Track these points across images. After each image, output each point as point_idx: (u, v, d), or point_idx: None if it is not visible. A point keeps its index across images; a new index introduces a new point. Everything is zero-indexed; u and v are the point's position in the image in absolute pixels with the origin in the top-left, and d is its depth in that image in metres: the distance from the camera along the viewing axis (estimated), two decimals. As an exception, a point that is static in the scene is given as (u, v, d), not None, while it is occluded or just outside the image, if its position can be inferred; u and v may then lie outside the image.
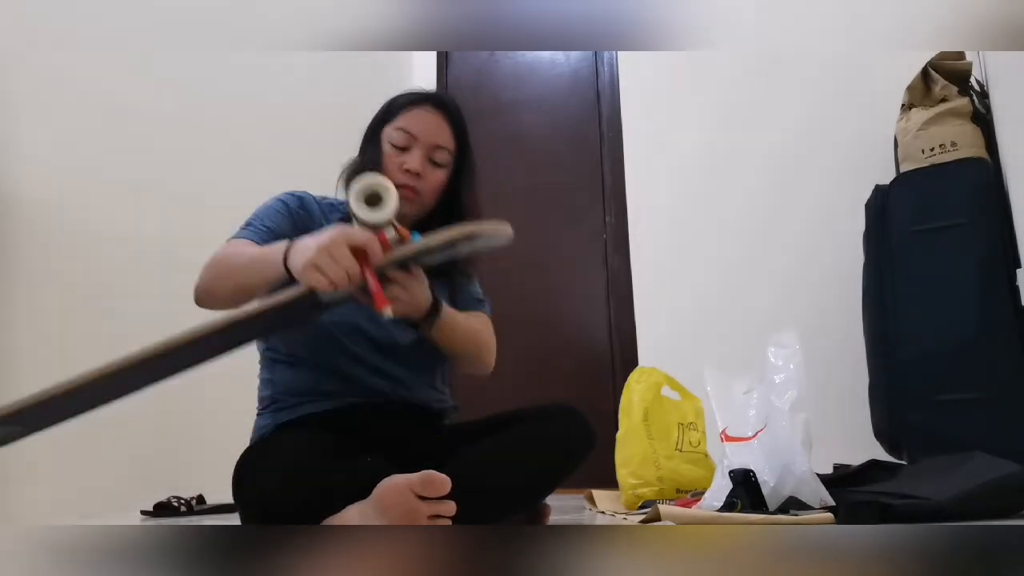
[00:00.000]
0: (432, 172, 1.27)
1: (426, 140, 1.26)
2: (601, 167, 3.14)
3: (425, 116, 1.27)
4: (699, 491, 1.65)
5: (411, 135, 1.26)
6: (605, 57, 3.24)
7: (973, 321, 1.88)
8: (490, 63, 3.47)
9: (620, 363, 2.88)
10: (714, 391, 1.53)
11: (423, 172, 1.25)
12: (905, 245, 2.03)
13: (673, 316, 2.81)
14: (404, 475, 0.93)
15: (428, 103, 1.29)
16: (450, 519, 0.94)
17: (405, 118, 1.27)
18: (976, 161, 1.99)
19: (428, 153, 1.26)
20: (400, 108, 1.29)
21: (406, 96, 1.31)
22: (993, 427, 1.80)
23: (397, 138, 1.26)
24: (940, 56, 2.13)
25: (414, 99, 1.30)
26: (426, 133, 1.26)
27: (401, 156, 1.25)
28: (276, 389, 1.24)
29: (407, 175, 1.23)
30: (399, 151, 1.25)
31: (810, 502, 1.30)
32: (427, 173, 1.26)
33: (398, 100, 1.32)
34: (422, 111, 1.28)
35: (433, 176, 1.27)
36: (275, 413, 1.21)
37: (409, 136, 1.25)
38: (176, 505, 1.92)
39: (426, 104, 1.29)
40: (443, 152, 1.27)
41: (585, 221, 3.12)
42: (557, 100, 3.32)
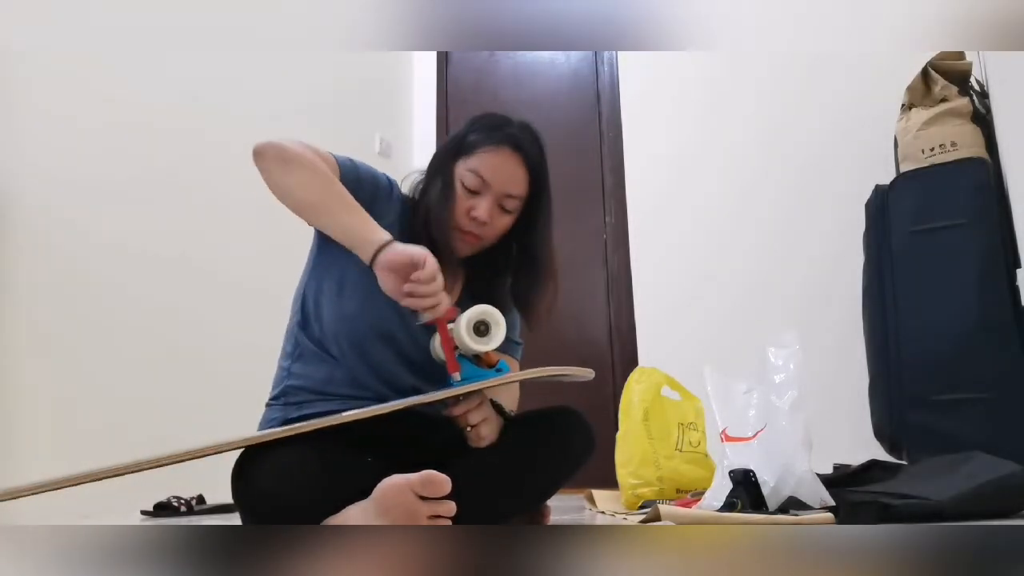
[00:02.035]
0: (499, 217, 1.22)
1: (499, 188, 1.20)
2: (601, 167, 3.14)
3: (502, 161, 1.20)
4: (699, 491, 1.65)
5: (484, 180, 1.19)
6: (605, 57, 3.24)
7: (973, 321, 1.88)
8: (490, 63, 3.47)
9: (620, 363, 2.88)
10: (714, 391, 1.53)
11: (490, 220, 1.20)
12: (905, 245, 2.03)
13: (673, 316, 2.81)
14: (404, 475, 0.93)
15: (507, 145, 1.21)
16: (450, 519, 0.94)
17: (481, 159, 1.20)
18: (976, 161, 1.99)
19: (498, 200, 1.21)
20: (476, 146, 1.21)
21: (488, 131, 1.23)
22: (993, 427, 1.80)
23: (469, 180, 1.20)
24: (940, 56, 2.13)
25: (494, 140, 1.21)
26: (500, 181, 1.20)
27: (470, 199, 1.20)
28: (291, 381, 1.21)
29: (473, 223, 1.20)
30: (469, 193, 1.20)
31: (810, 502, 1.30)
32: (494, 219, 1.21)
33: (476, 135, 1.23)
34: (500, 154, 1.20)
35: (499, 222, 1.22)
36: (284, 408, 1.20)
37: (481, 181, 1.19)
38: (176, 505, 1.92)
39: (505, 147, 1.21)
40: (514, 200, 1.22)
41: (585, 221, 3.12)
42: (557, 100, 3.32)
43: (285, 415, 1.19)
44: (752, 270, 2.69)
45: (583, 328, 3.05)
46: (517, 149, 1.21)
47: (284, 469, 1.00)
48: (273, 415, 1.21)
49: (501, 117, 1.26)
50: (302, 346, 1.23)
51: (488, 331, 1.08)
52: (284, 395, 1.22)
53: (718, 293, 2.74)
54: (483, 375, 1.08)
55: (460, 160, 1.22)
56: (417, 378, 1.21)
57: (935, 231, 1.99)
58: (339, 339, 1.19)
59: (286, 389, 1.21)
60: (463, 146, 1.23)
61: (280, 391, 1.22)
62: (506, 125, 1.23)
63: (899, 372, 1.99)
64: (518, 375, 1.10)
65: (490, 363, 1.09)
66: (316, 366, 1.20)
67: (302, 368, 1.21)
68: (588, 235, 3.11)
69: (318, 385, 1.19)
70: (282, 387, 1.22)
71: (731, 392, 1.52)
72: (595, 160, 3.16)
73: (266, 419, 1.23)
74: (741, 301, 2.68)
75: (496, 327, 1.08)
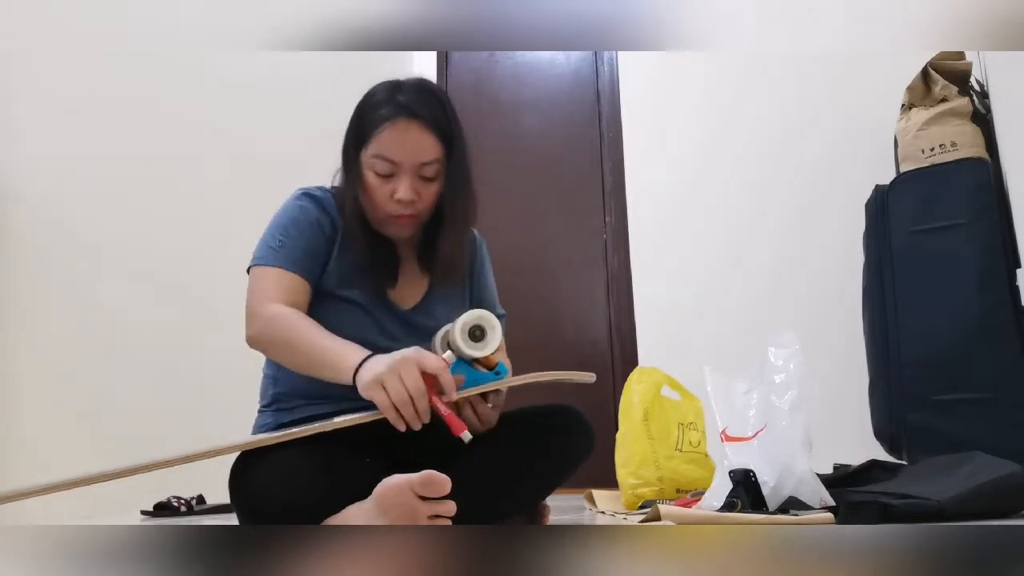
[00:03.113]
0: (425, 188, 1.16)
1: (410, 163, 1.13)
2: (601, 167, 3.14)
3: (402, 134, 1.12)
4: (699, 491, 1.65)
5: (392, 162, 1.13)
6: (605, 57, 3.23)
7: (973, 321, 1.88)
8: (490, 63, 3.47)
9: (620, 363, 2.88)
10: (714, 391, 1.53)
11: (417, 196, 1.14)
12: (905, 245, 2.03)
13: (673, 316, 2.81)
14: (404, 475, 0.93)
15: (402, 117, 1.12)
16: (450, 519, 0.94)
17: (381, 141, 1.13)
18: (976, 161, 1.99)
19: (416, 173, 1.14)
20: (372, 128, 1.14)
21: (375, 111, 1.15)
22: (993, 427, 1.80)
23: (379, 167, 1.13)
24: (940, 56, 2.13)
25: (385, 115, 1.13)
26: (408, 156, 1.13)
27: (389, 184, 1.14)
28: (279, 387, 1.21)
29: (401, 205, 1.14)
30: (384, 179, 1.14)
31: (810, 502, 1.30)
32: (421, 191, 1.15)
33: (366, 118, 1.16)
34: (396, 129, 1.12)
35: (427, 192, 1.16)
36: (276, 413, 1.20)
37: (391, 163, 1.13)
38: (176, 505, 1.92)
39: (400, 119, 1.12)
40: (431, 166, 1.14)
41: (585, 221, 3.12)
42: (557, 100, 3.32)
43: (277, 420, 1.19)
44: (752, 270, 2.69)
45: (583, 328, 3.05)
46: (413, 116, 1.12)
47: (283, 472, 1.00)
48: (266, 420, 1.21)
49: (390, 85, 1.18)
50: None
51: (484, 336, 1.07)
52: (275, 401, 1.22)
53: (719, 293, 2.73)
54: (482, 378, 1.07)
55: (363, 150, 1.15)
56: None
57: (935, 231, 1.99)
58: None
59: (276, 396, 1.21)
60: (361, 135, 1.16)
61: (271, 398, 1.22)
62: (396, 93, 1.15)
63: (899, 372, 1.99)
64: (518, 379, 1.09)
65: (488, 366, 1.08)
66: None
67: (287, 375, 1.19)
68: (588, 235, 3.11)
69: (306, 389, 1.18)
70: (271, 394, 1.22)
71: (731, 392, 1.52)
72: (595, 160, 3.16)
73: (259, 424, 1.23)
74: (741, 301, 2.68)
75: (492, 331, 1.07)
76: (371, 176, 1.15)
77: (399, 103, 1.13)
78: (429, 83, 1.19)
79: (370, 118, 1.15)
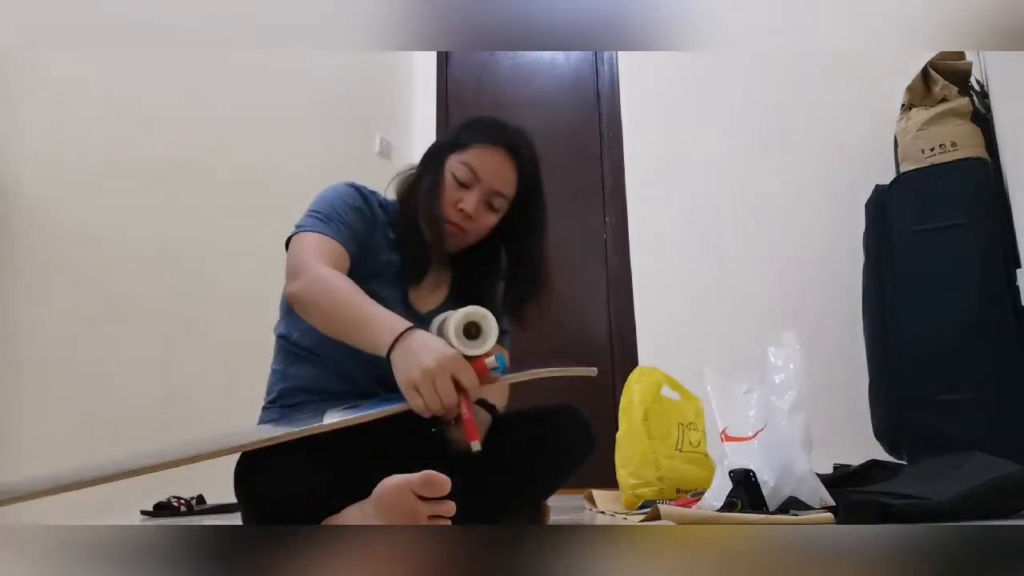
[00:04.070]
0: (485, 215, 1.22)
1: (488, 184, 1.21)
2: (601, 167, 3.14)
3: (494, 158, 1.21)
4: (699, 491, 1.65)
5: (475, 174, 1.20)
6: (605, 57, 3.24)
7: (973, 321, 1.88)
8: (490, 63, 3.47)
9: (620, 363, 2.88)
10: (714, 391, 1.53)
11: (476, 215, 1.21)
12: (905, 245, 2.03)
13: (673, 316, 2.81)
14: (404, 475, 0.93)
15: (501, 145, 1.22)
16: (450, 519, 0.94)
17: (474, 154, 1.21)
18: (976, 161, 1.99)
19: (486, 197, 1.21)
20: (472, 141, 1.22)
21: (482, 130, 1.24)
22: (993, 427, 1.80)
23: (460, 172, 1.21)
24: (940, 56, 2.14)
25: (490, 138, 1.23)
26: (491, 177, 1.21)
27: (459, 192, 1.21)
28: (285, 384, 1.23)
29: (460, 215, 1.20)
30: (459, 186, 1.21)
31: (810, 502, 1.30)
32: (479, 216, 1.22)
33: (472, 130, 1.25)
34: (493, 152, 1.21)
35: (484, 219, 1.23)
36: (282, 409, 1.21)
37: (473, 175, 1.20)
38: (176, 505, 1.92)
39: (499, 146, 1.22)
40: (502, 199, 1.23)
41: (585, 221, 3.12)
42: (557, 100, 3.32)
43: (282, 417, 1.20)
44: (753, 270, 2.69)
45: (583, 328, 3.05)
46: (510, 150, 1.22)
47: (285, 470, 1.00)
48: (271, 417, 1.22)
49: (498, 120, 1.27)
50: (290, 350, 1.24)
51: (479, 333, 1.04)
52: (280, 397, 1.23)
53: (718, 293, 2.74)
54: None
55: (453, 154, 1.23)
56: None
57: (935, 231, 1.99)
58: (323, 341, 1.19)
59: (281, 391, 1.23)
60: (458, 141, 1.24)
61: (276, 394, 1.24)
62: (503, 127, 1.25)
63: (899, 372, 1.99)
64: (517, 376, 1.09)
65: None
66: (307, 368, 1.22)
67: (295, 370, 1.22)
68: (588, 235, 3.11)
69: (311, 385, 1.21)
70: (277, 390, 1.24)
71: (731, 392, 1.52)
72: (595, 160, 3.16)
73: (263, 421, 1.24)
74: (741, 301, 2.68)
75: (488, 329, 1.04)
76: (449, 178, 1.22)
77: (508, 135, 1.24)
78: (530, 137, 1.27)
79: (476, 132, 1.24)
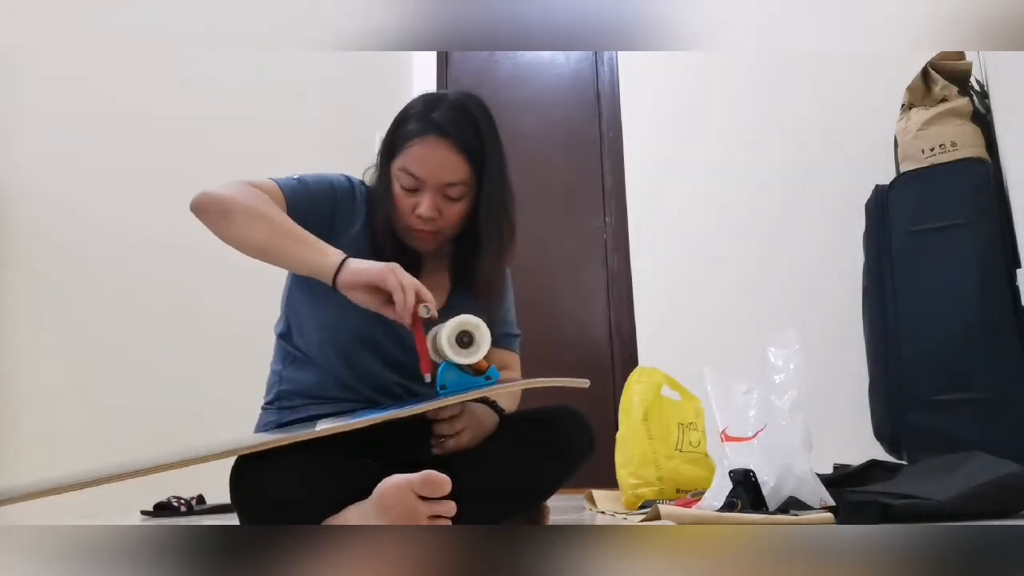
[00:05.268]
0: (448, 207, 1.15)
1: (434, 181, 1.13)
2: (601, 167, 3.14)
3: (429, 152, 1.12)
4: (699, 491, 1.65)
5: (416, 178, 1.13)
6: (605, 57, 3.24)
7: (973, 321, 1.88)
8: (490, 63, 3.47)
9: (620, 363, 2.88)
10: (714, 391, 1.53)
11: (438, 213, 1.15)
12: (905, 245, 2.03)
13: (673, 316, 2.81)
14: (405, 475, 0.93)
15: (432, 134, 1.12)
16: (450, 519, 0.94)
17: (408, 155, 1.14)
18: (976, 161, 1.99)
19: (439, 191, 1.14)
20: (404, 141, 1.15)
21: (409, 124, 1.15)
22: (993, 427, 1.80)
23: (404, 180, 1.14)
24: (940, 56, 2.13)
25: (417, 130, 1.14)
26: (433, 174, 1.13)
27: (412, 198, 1.14)
28: (284, 386, 1.22)
29: (421, 220, 1.14)
30: (409, 192, 1.14)
31: (810, 502, 1.30)
32: (444, 210, 1.15)
33: (401, 129, 1.17)
34: (425, 145, 1.13)
35: (450, 211, 1.16)
36: (279, 411, 1.21)
37: (415, 179, 1.13)
38: (176, 505, 1.92)
39: (429, 136, 1.12)
40: (456, 187, 1.14)
41: (585, 221, 3.12)
42: (557, 100, 3.32)
43: (280, 418, 1.20)
44: (753, 270, 2.69)
45: (583, 328, 3.05)
46: (444, 135, 1.12)
47: (282, 472, 1.00)
48: (269, 418, 1.23)
49: (431, 98, 1.18)
50: (290, 353, 1.24)
51: (472, 342, 1.03)
52: (278, 399, 1.23)
53: (718, 293, 2.74)
54: (471, 383, 1.05)
55: (393, 160, 1.17)
56: (405, 379, 1.21)
57: (935, 231, 1.99)
58: (324, 347, 1.20)
59: (280, 393, 1.23)
60: (393, 144, 1.18)
61: (274, 395, 1.24)
62: (433, 109, 1.15)
63: (899, 372, 1.99)
64: (507, 386, 1.08)
65: (479, 370, 1.06)
66: (306, 372, 1.22)
67: (293, 373, 1.22)
68: (588, 235, 3.11)
69: (310, 389, 1.20)
70: (275, 392, 1.24)
71: (731, 392, 1.52)
72: (595, 160, 3.16)
73: (262, 422, 1.24)
74: (742, 301, 2.68)
75: (480, 337, 1.03)
76: (397, 187, 1.16)
77: (431, 120, 1.13)
78: (470, 101, 1.18)
79: (403, 131, 1.16)
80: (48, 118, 2.00)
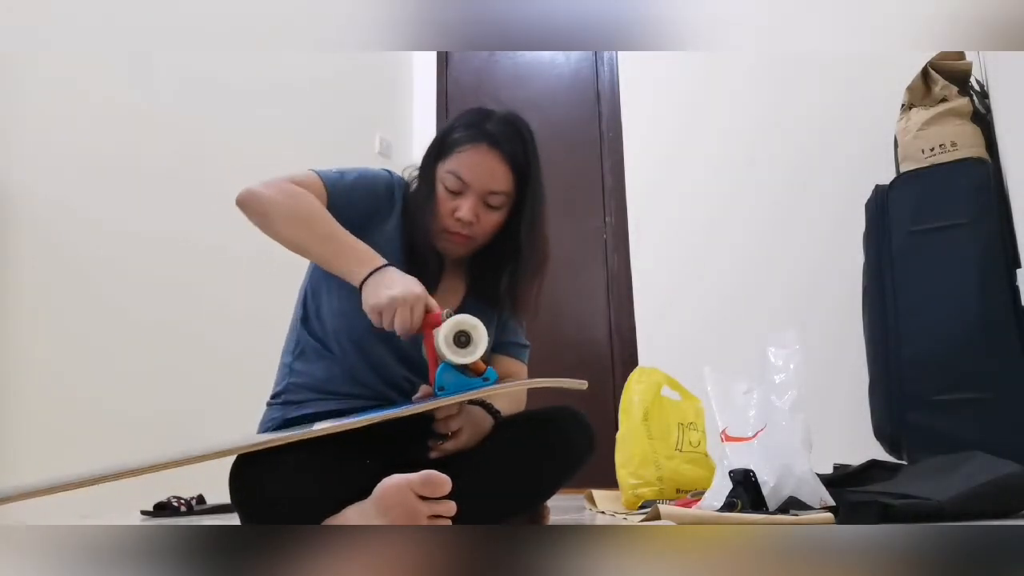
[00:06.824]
0: (486, 215, 1.20)
1: (480, 187, 1.17)
2: (601, 167, 3.14)
3: (479, 159, 1.17)
4: (699, 491, 1.65)
5: (464, 181, 1.17)
6: (605, 57, 3.24)
7: (973, 321, 1.88)
8: (490, 63, 3.47)
9: (620, 363, 2.88)
10: (714, 391, 1.53)
11: (475, 219, 1.18)
12: (905, 245, 2.03)
13: (673, 316, 2.81)
14: (405, 475, 0.93)
15: (484, 142, 1.18)
16: (450, 519, 0.94)
17: (458, 159, 1.18)
18: (976, 161, 1.99)
19: (482, 198, 1.18)
20: (454, 146, 1.19)
21: (461, 132, 1.20)
22: (993, 427, 1.80)
23: (450, 182, 1.18)
24: (940, 56, 2.13)
25: (469, 137, 1.19)
26: (479, 180, 1.17)
27: (454, 200, 1.18)
28: (293, 378, 1.22)
29: (459, 223, 1.18)
30: (452, 195, 1.18)
31: (810, 502, 1.30)
32: (481, 217, 1.19)
33: (453, 135, 1.21)
34: (478, 152, 1.17)
35: (487, 219, 1.20)
36: (284, 407, 1.21)
37: (462, 182, 1.17)
38: (176, 505, 1.92)
39: (482, 144, 1.18)
40: (498, 196, 1.19)
41: (585, 221, 3.12)
42: (557, 100, 3.32)
43: (285, 414, 1.20)
44: (753, 270, 2.69)
45: (583, 328, 3.05)
46: (495, 145, 1.18)
47: (282, 471, 1.00)
48: (273, 415, 1.22)
49: (482, 112, 1.23)
50: (303, 342, 1.24)
51: (469, 342, 1.04)
52: (285, 393, 1.23)
53: (718, 293, 2.74)
54: (468, 384, 1.05)
55: (441, 162, 1.21)
56: (417, 375, 1.21)
57: (935, 231, 1.99)
58: (339, 335, 1.20)
59: (287, 387, 1.23)
60: (443, 147, 1.22)
61: (281, 389, 1.23)
62: (485, 121, 1.20)
63: (899, 372, 1.99)
64: (504, 386, 1.08)
65: (477, 371, 1.06)
66: (317, 363, 1.21)
67: (304, 365, 1.22)
68: (588, 235, 3.11)
69: (318, 383, 1.20)
70: (284, 385, 1.23)
71: (731, 392, 1.52)
72: (595, 160, 3.16)
73: (266, 419, 1.24)
74: (742, 301, 2.68)
75: (478, 337, 1.04)
76: (441, 189, 1.19)
77: (484, 130, 1.19)
78: (519, 121, 1.23)
79: (455, 136, 1.21)
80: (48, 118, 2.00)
